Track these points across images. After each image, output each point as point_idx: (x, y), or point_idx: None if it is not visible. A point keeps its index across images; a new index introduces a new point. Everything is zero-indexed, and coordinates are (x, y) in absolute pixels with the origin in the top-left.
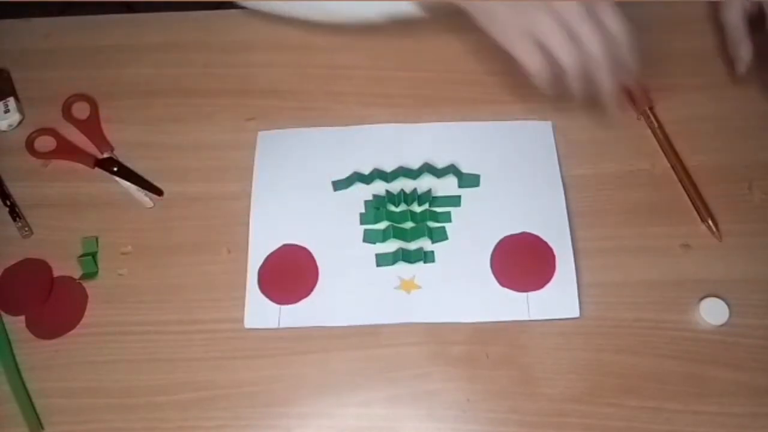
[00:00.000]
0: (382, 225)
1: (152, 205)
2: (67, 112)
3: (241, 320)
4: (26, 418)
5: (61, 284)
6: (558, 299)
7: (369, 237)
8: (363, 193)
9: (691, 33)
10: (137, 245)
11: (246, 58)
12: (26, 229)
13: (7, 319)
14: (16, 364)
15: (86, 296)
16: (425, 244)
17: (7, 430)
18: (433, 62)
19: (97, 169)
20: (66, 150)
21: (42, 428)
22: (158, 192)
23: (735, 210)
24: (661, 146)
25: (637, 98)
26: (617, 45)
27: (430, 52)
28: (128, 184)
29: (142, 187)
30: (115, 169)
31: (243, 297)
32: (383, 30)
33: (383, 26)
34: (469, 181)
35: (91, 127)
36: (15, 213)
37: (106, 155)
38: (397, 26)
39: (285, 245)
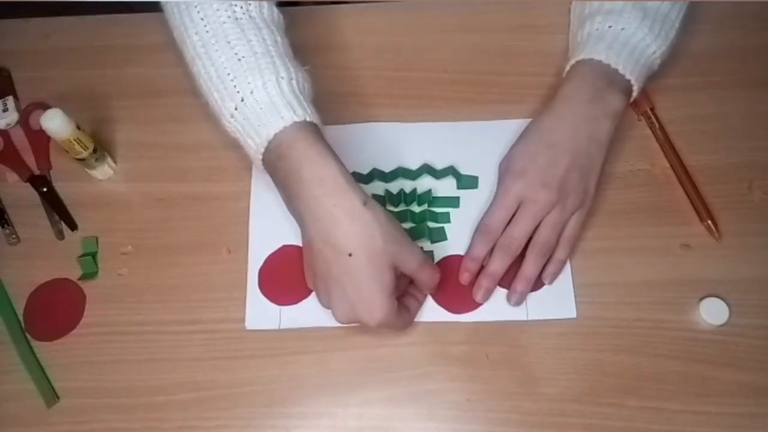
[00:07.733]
0: None
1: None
2: (24, 119)
3: (241, 320)
4: (41, 391)
5: (59, 285)
6: (555, 301)
7: None
8: None
9: (691, 33)
10: (137, 245)
11: None
12: (14, 236)
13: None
14: (27, 340)
15: (84, 297)
16: (425, 244)
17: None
18: (433, 62)
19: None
20: (8, 157)
21: (57, 398)
22: (73, 226)
23: (735, 210)
24: (661, 146)
25: (638, 99)
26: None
27: (430, 52)
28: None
29: (60, 217)
30: (45, 189)
31: (243, 297)
32: (383, 30)
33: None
34: (468, 182)
35: (40, 140)
36: (3, 219)
37: (41, 172)
38: (397, 26)
39: (285, 246)
